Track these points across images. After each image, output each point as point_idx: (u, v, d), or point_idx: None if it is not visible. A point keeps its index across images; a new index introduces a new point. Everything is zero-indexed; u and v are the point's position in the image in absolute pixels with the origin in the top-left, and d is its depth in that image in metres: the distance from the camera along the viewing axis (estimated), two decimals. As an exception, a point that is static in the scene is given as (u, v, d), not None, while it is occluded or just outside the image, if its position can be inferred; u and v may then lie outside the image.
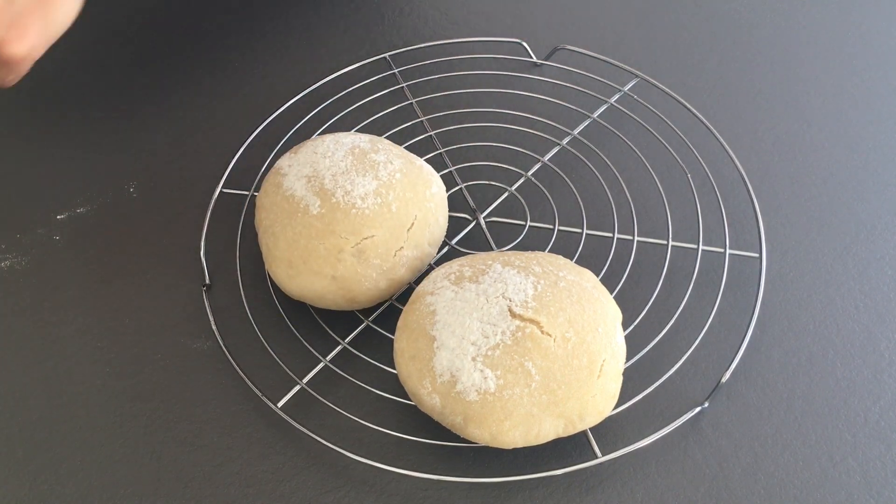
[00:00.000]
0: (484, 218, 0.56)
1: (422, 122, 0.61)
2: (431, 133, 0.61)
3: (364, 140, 0.52)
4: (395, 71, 0.64)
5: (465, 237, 0.56)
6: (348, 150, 0.51)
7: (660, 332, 0.50)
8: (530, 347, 0.42)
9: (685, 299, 0.52)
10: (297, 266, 0.49)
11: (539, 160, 0.59)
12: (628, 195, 0.57)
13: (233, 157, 0.58)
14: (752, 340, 0.50)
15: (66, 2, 0.46)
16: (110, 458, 0.48)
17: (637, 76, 0.62)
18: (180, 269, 0.55)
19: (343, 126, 0.60)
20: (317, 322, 0.52)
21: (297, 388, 0.49)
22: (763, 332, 0.52)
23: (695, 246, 0.54)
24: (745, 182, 0.56)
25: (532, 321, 0.43)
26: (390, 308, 0.52)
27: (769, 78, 0.65)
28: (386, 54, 0.65)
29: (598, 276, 0.49)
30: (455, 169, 0.59)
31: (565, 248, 0.55)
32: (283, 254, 0.49)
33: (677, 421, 0.47)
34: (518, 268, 0.45)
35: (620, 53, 0.66)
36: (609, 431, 0.48)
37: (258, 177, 0.58)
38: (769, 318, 0.52)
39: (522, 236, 0.55)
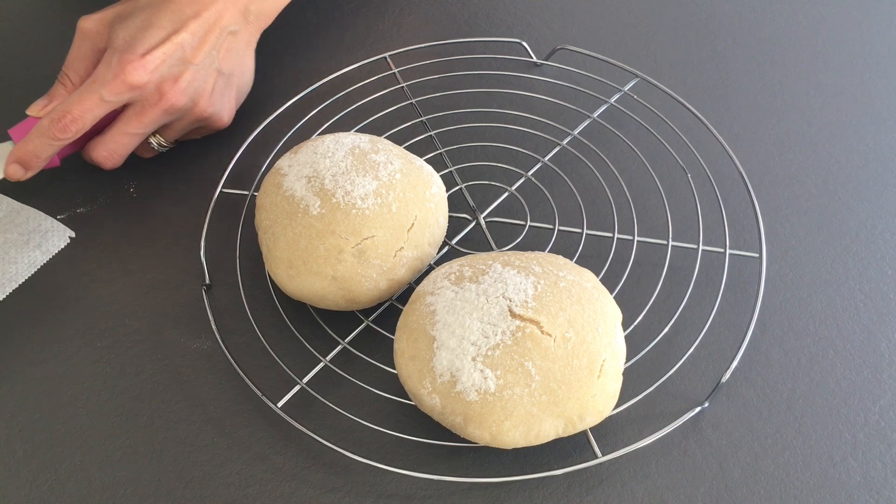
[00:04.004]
0: (484, 218, 0.56)
1: (422, 121, 0.61)
2: (431, 133, 0.61)
3: (364, 140, 0.52)
4: (395, 71, 0.64)
5: (465, 237, 0.56)
6: (348, 151, 0.51)
7: (660, 332, 0.50)
8: (530, 347, 0.42)
9: (685, 299, 0.52)
10: (297, 266, 0.49)
11: (539, 160, 0.59)
12: (628, 195, 0.57)
13: (233, 157, 0.58)
14: (752, 340, 0.51)
15: (245, 74, 0.60)
16: (110, 458, 0.48)
17: (637, 76, 0.62)
18: (180, 269, 0.55)
19: (343, 126, 0.60)
20: (317, 322, 0.52)
21: (297, 388, 0.49)
22: (763, 332, 0.52)
23: (695, 246, 0.54)
24: (745, 182, 0.56)
25: (532, 321, 0.43)
26: (390, 308, 0.52)
27: (769, 78, 0.65)
28: (386, 54, 0.64)
29: (598, 276, 0.49)
30: (455, 169, 0.59)
31: (565, 248, 0.55)
32: (284, 254, 0.49)
33: (677, 421, 0.47)
34: (518, 268, 0.45)
35: (620, 53, 0.66)
36: (609, 431, 0.48)
37: (258, 177, 0.58)
38: (769, 318, 0.52)
39: (522, 236, 0.55)
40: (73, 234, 0.53)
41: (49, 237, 0.53)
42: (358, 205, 0.48)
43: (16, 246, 0.52)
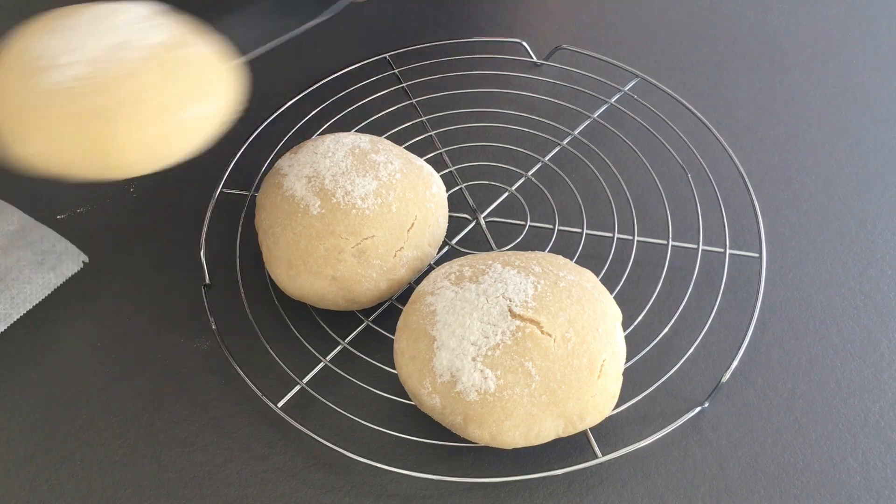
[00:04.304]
0: (484, 218, 0.56)
1: (422, 122, 0.61)
2: (431, 133, 0.61)
3: (364, 140, 0.52)
4: (395, 71, 0.64)
5: (465, 237, 0.56)
6: (348, 151, 0.51)
7: (660, 332, 0.50)
8: (530, 347, 0.42)
9: (685, 299, 0.52)
10: (297, 266, 0.49)
11: (539, 160, 0.59)
12: (628, 195, 0.57)
13: (233, 158, 0.58)
14: (752, 340, 0.51)
15: None
16: (110, 458, 0.48)
17: (637, 76, 0.62)
18: (180, 269, 0.55)
19: (343, 126, 0.60)
20: (317, 322, 0.52)
21: (297, 388, 0.49)
22: (763, 332, 0.52)
23: (695, 246, 0.54)
24: (745, 182, 0.56)
25: (532, 321, 0.43)
26: (390, 308, 0.52)
27: (769, 78, 0.65)
28: (386, 54, 0.64)
29: (598, 276, 0.49)
30: (455, 169, 0.59)
31: (565, 248, 0.55)
32: (284, 254, 0.49)
33: (677, 421, 0.47)
34: (518, 268, 0.45)
35: (620, 53, 0.66)
36: (609, 431, 0.48)
37: (258, 177, 0.58)
38: (769, 318, 0.52)
39: (522, 236, 0.55)
40: (86, 259, 0.53)
41: (63, 260, 0.53)
42: (358, 205, 0.48)
43: (30, 265, 0.52)
